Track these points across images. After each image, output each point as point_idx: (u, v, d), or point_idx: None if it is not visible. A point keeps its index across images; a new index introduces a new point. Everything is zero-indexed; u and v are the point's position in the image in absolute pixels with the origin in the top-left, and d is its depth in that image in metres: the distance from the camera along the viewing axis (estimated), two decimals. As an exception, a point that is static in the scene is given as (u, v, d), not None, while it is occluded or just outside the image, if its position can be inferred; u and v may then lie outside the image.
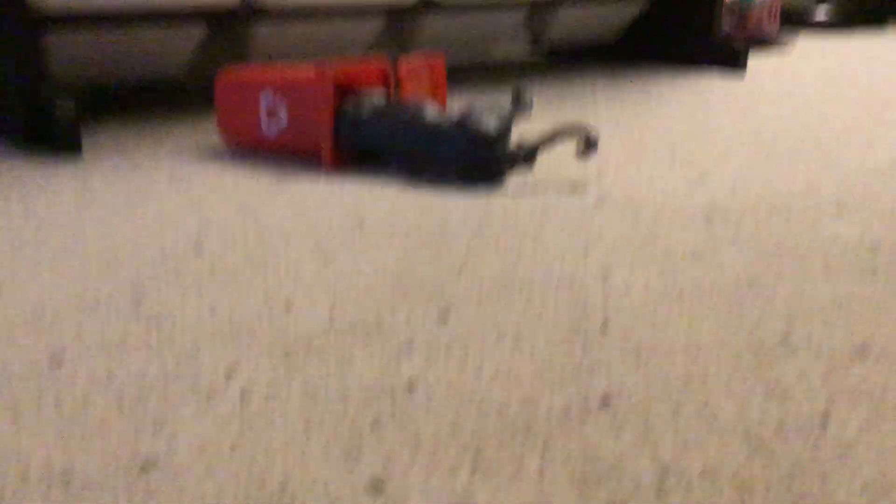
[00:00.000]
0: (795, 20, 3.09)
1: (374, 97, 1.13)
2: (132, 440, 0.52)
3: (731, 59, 1.96)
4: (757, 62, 2.23)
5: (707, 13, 2.00)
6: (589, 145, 1.06)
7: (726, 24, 2.44)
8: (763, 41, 2.60)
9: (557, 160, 1.19)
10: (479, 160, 1.05)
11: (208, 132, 1.38)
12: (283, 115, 1.17)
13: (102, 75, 1.46)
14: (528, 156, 1.09)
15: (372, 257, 0.82)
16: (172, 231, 0.90)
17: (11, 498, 0.46)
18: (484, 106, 1.09)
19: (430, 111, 1.09)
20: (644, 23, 2.13)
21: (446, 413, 0.54)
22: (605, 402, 0.56)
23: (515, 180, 1.09)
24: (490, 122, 1.05)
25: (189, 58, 1.52)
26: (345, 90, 1.14)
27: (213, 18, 1.43)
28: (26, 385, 0.58)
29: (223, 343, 0.64)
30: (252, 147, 1.24)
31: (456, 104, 1.59)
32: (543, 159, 1.19)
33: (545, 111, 1.54)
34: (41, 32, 1.32)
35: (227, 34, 1.59)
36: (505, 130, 1.06)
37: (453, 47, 1.87)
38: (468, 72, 2.05)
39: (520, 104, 1.22)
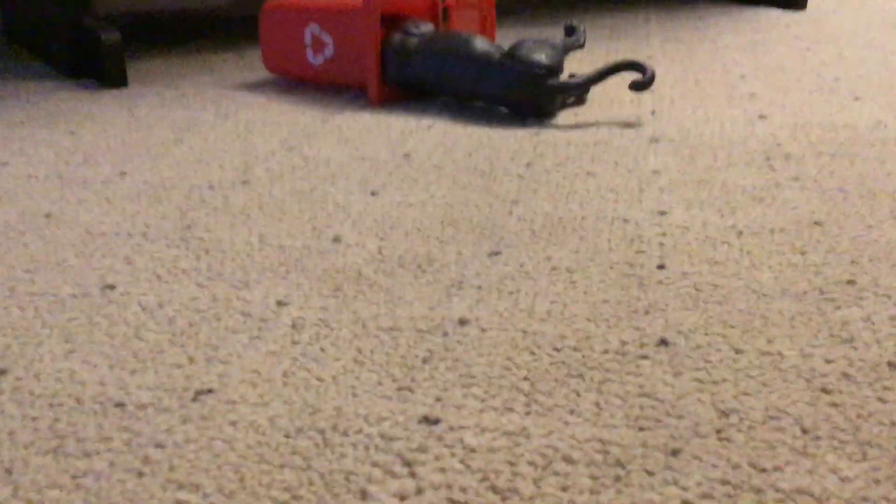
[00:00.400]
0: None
1: (422, 28, 1.10)
2: (185, 368, 0.51)
3: (791, -7, 1.87)
4: (817, -3, 2.14)
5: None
6: (644, 81, 1.02)
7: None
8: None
9: (611, 96, 1.16)
10: (529, 93, 1.02)
11: (253, 62, 1.37)
12: (328, 45, 1.15)
13: (147, 3, 1.44)
14: (580, 90, 1.06)
15: (420, 192, 0.81)
16: (219, 162, 0.89)
17: (67, 421, 0.46)
18: (535, 39, 1.06)
19: (480, 42, 1.06)
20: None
21: (499, 350, 0.53)
22: (663, 341, 0.54)
23: (567, 115, 1.06)
24: (541, 55, 1.02)
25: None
26: (391, 20, 1.11)
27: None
28: (79, 311, 0.58)
29: (273, 274, 0.64)
30: (297, 78, 1.23)
31: (506, 38, 1.55)
32: (596, 95, 1.16)
33: (598, 46, 1.50)
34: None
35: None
36: (557, 63, 1.03)
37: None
38: (518, 3, 2.00)
39: (572, 38, 1.19)
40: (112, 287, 0.62)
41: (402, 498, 0.40)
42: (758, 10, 1.89)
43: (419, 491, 0.41)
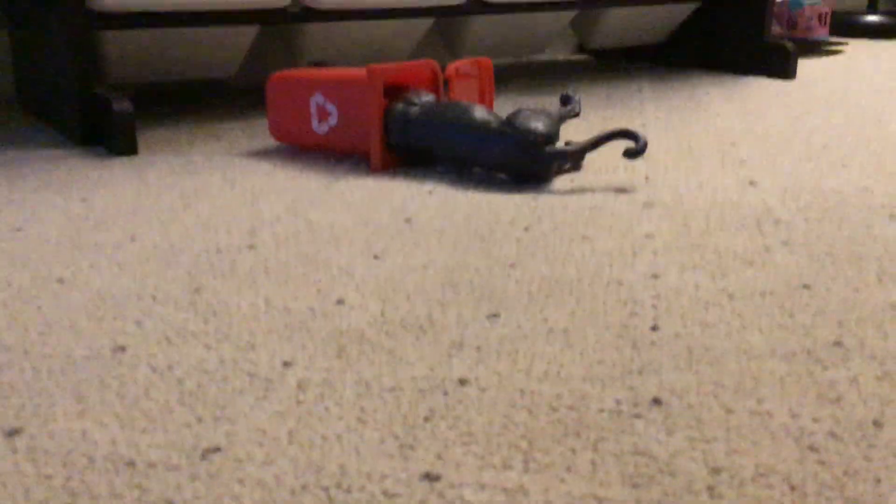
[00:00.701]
0: (846, 25, 3.04)
1: (423, 98, 1.15)
2: (194, 427, 0.53)
3: (780, 62, 1.93)
4: (807, 66, 2.20)
5: (756, 16, 1.98)
6: (637, 149, 1.06)
7: (775, 27, 2.41)
8: (813, 45, 2.56)
9: (605, 163, 1.19)
10: (527, 160, 1.06)
11: (259, 131, 1.41)
12: (333, 114, 1.19)
13: (156, 73, 1.49)
14: (576, 157, 1.09)
15: (421, 255, 0.83)
16: (226, 227, 0.92)
17: (80, 479, 0.48)
18: (532, 108, 1.10)
19: (479, 111, 1.09)
20: (692, 25, 2.11)
21: (498, 409, 0.55)
22: (657, 401, 0.56)
23: (564, 181, 1.10)
24: (538, 123, 1.06)
25: (241, 57, 1.55)
26: (394, 90, 1.15)
27: (265, 18, 1.46)
28: (90, 373, 0.60)
29: (278, 336, 0.66)
30: (302, 145, 1.26)
31: (504, 106, 1.60)
32: (592, 162, 1.19)
33: (594, 115, 1.54)
34: (97, 31, 1.36)
35: (279, 34, 1.61)
36: (553, 131, 1.07)
37: (501, 49, 1.88)
38: (516, 74, 2.06)
39: (568, 107, 1.23)
40: (123, 349, 0.64)
41: (405, 553, 0.42)
42: (749, 79, 1.95)
43: (421, 546, 0.42)
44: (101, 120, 1.26)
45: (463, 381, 0.59)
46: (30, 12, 1.43)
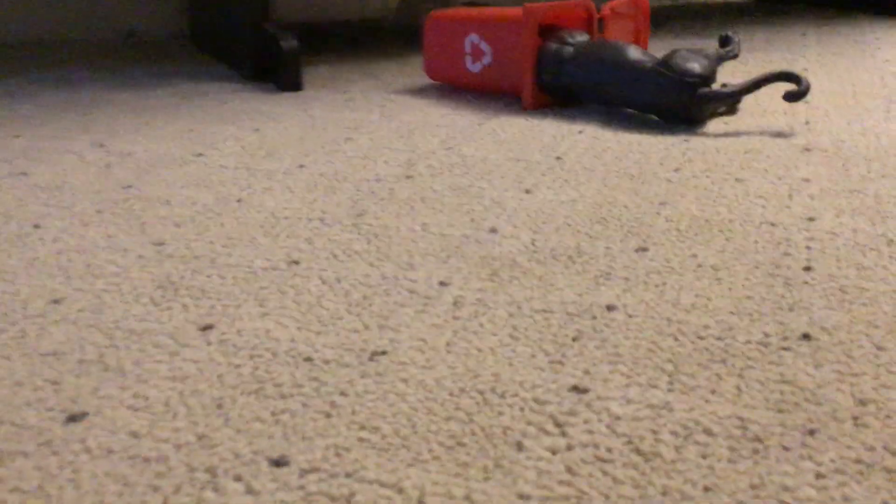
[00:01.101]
0: None
1: (577, 37, 1.15)
2: (362, 333, 0.58)
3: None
4: None
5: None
6: (799, 91, 1.03)
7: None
8: None
9: (763, 107, 1.16)
10: (681, 101, 1.05)
11: (414, 70, 1.45)
12: (487, 53, 1.22)
13: (320, 13, 1.56)
14: (732, 98, 1.08)
15: (571, 191, 0.86)
16: (385, 159, 0.97)
17: (265, 369, 0.54)
18: (689, 48, 1.08)
19: (633, 51, 1.09)
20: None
21: (645, 334, 0.57)
22: (806, 336, 0.57)
23: (718, 124, 1.08)
24: (695, 63, 1.04)
25: (398, -2, 1.59)
26: (548, 29, 1.16)
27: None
28: (269, 282, 0.67)
29: (435, 258, 0.70)
30: (456, 84, 1.30)
31: (660, 48, 1.57)
32: (750, 105, 1.17)
33: (753, 58, 1.49)
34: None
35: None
36: (709, 72, 1.05)
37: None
38: (673, 15, 2.01)
39: (727, 48, 1.20)
40: (297, 262, 0.70)
41: (554, 452, 0.45)
42: (926, 22, 1.82)
43: (569, 448, 0.46)
44: (270, 57, 1.34)
45: (611, 308, 0.61)
46: (206, -46, 1.53)
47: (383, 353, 0.56)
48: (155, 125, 1.12)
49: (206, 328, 0.60)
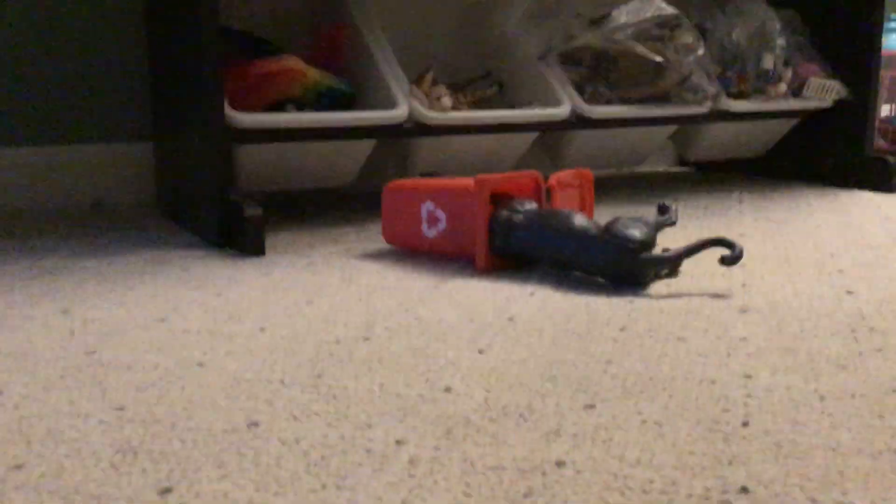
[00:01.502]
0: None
1: (527, 206, 1.23)
2: (319, 493, 0.60)
3: (882, 176, 1.94)
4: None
5: (858, 129, 2.00)
6: (733, 256, 1.10)
7: (878, 140, 2.42)
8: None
9: (703, 269, 1.23)
10: (624, 265, 1.12)
11: (373, 235, 1.52)
12: (442, 220, 1.28)
13: (283, 183, 1.64)
14: (672, 262, 1.15)
15: (523, 350, 0.89)
16: (344, 321, 1.01)
17: (223, 531, 0.55)
18: (630, 216, 1.16)
19: (579, 218, 1.17)
20: (792, 138, 2.15)
21: (593, 489, 0.60)
22: (744, 489, 0.59)
23: (661, 286, 1.15)
24: (635, 230, 1.12)
25: (359, 168, 1.69)
26: (500, 198, 1.24)
27: (383, 133, 1.59)
28: (228, 443, 0.68)
29: (391, 417, 0.73)
30: (413, 248, 1.36)
31: (604, 215, 1.67)
32: (691, 268, 1.24)
33: (691, 224, 1.59)
34: (234, 146, 1.51)
35: (394, 147, 1.74)
36: (649, 238, 1.13)
37: (601, 161, 1.96)
38: (615, 184, 2.13)
39: (665, 216, 1.28)
40: (256, 424, 0.72)
41: None
42: (851, 192, 1.96)
43: None
44: (234, 224, 1.40)
45: (560, 464, 0.64)
46: (174, 128, 1.61)
47: (340, 512, 0.57)
48: (119, 291, 1.15)
49: (165, 491, 0.61)
